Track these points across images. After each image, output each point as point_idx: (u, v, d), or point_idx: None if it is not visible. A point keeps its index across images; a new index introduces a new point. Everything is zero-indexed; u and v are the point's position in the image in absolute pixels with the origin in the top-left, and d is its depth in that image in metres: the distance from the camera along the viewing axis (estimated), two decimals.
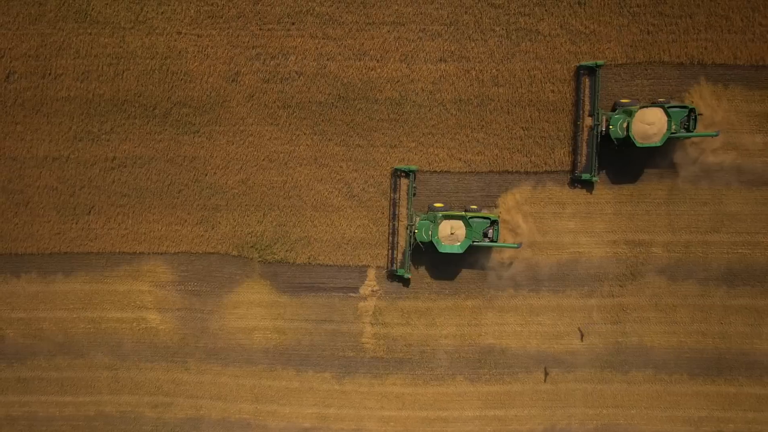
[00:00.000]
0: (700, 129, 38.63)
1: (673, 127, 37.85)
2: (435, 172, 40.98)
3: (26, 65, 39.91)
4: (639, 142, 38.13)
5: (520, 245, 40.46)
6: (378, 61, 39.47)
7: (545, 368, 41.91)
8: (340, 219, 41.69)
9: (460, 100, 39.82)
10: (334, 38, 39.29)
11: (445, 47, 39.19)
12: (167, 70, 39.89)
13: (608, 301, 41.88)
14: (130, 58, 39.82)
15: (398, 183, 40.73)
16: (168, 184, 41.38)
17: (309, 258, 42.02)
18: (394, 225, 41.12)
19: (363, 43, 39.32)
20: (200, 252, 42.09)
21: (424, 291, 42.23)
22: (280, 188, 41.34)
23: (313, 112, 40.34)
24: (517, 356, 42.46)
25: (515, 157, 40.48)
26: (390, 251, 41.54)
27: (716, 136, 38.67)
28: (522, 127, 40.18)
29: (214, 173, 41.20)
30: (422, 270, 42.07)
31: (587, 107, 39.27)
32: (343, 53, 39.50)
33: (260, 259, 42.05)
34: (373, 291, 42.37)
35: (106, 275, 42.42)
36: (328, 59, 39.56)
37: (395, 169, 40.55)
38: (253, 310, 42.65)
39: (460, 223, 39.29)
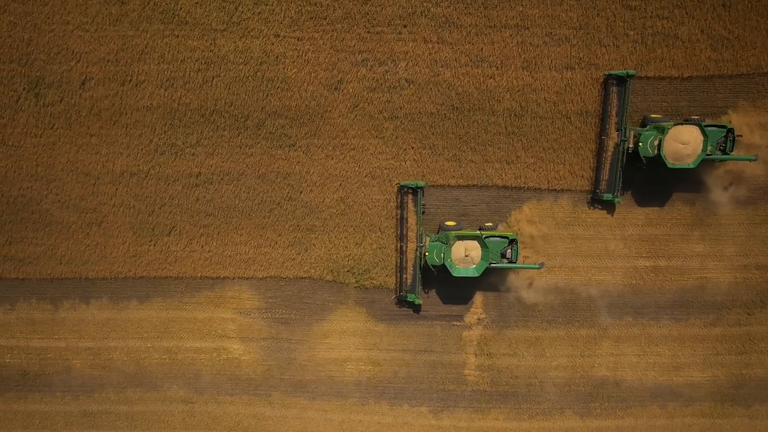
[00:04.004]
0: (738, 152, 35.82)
1: (709, 148, 34.88)
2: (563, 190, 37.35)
3: (104, 71, 36.33)
4: (671, 163, 35.02)
5: (542, 266, 37.49)
6: (498, 68, 35.87)
7: None
8: None
9: (586, 112, 36.35)
10: (450, 43, 35.61)
11: (573, 53, 35.66)
12: (262, 77, 36.24)
13: (734, 330, 39.68)
14: (220, 64, 36.18)
15: (405, 200, 37.57)
16: (258, 203, 37.92)
17: None
18: (402, 246, 38.08)
19: (482, 49, 35.65)
20: (291, 277, 39.08)
21: (535, 319, 39.60)
22: (383, 207, 37.93)
23: (423, 124, 36.69)
24: (632, 389, 40.44)
25: None
26: (398, 274, 38.57)
27: (755, 160, 35.89)
28: None
29: (311, 191, 37.64)
30: (520, 297, 39.09)
31: (613, 123, 36.09)
32: (459, 59, 35.89)
33: (357, 285, 38.76)
34: (479, 319, 39.28)
35: (185, 302, 39.69)
36: (442, 66, 35.95)
37: (401, 185, 37.12)
38: (346, 340, 39.87)
39: (475, 244, 36.15)
